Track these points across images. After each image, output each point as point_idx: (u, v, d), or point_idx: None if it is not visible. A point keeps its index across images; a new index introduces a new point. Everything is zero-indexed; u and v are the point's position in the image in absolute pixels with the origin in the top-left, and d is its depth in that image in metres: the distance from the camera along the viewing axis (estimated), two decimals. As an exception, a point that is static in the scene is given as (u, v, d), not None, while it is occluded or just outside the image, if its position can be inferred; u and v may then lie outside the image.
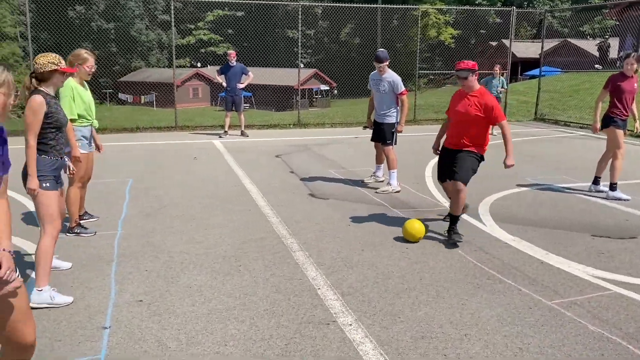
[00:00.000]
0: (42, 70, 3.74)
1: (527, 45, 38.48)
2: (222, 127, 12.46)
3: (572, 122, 14.95)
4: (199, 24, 47.19)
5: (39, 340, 3.16)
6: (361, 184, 7.47)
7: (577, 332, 3.37)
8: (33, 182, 3.65)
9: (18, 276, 2.05)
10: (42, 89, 3.76)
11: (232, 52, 11.94)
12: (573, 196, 6.89)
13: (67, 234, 5.05)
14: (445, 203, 6.36)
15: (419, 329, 3.40)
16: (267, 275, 4.23)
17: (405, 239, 5.06)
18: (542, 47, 16.38)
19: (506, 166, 5.00)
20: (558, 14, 43.28)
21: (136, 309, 3.64)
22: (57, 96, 4.01)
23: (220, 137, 11.97)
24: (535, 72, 23.65)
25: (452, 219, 5.08)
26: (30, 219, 5.52)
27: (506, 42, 17.85)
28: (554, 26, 43.15)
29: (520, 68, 37.79)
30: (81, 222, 5.32)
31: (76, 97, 4.96)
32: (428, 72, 34.21)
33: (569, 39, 36.58)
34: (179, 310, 3.62)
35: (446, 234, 5.12)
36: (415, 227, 5.01)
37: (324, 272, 4.31)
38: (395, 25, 38.82)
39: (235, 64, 11.72)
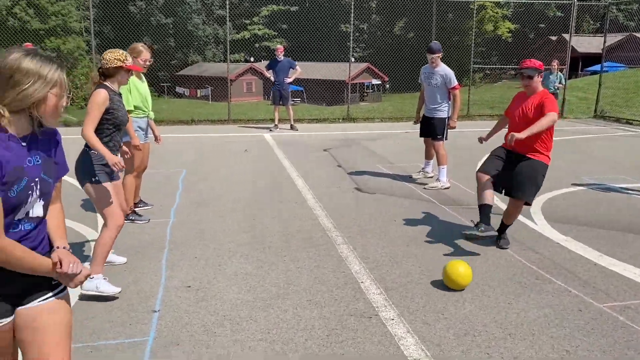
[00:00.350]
0: (107, 66, 3.79)
1: (589, 40, 36.97)
2: (273, 120, 12.62)
3: (635, 120, 14.27)
4: (253, 19, 47.85)
5: (92, 321, 3.34)
6: (409, 179, 7.41)
7: (629, 337, 3.25)
8: (112, 158, 3.66)
9: (84, 266, 1.91)
10: (107, 84, 3.81)
11: (279, 47, 12.08)
12: (632, 197, 6.60)
13: (123, 221, 5.26)
14: (498, 202, 6.23)
15: (462, 326, 3.37)
16: (311, 267, 4.28)
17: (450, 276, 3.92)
18: (605, 42, 15.68)
19: (512, 136, 4.36)
20: (624, 6, 41.30)
21: (185, 294, 3.76)
22: (121, 94, 4.01)
23: (270, 130, 12.13)
24: (597, 67, 22.69)
25: (504, 227, 4.85)
26: (89, 205, 5.78)
27: (567, 36, 17.20)
28: (619, 19, 41.22)
29: (581, 63, 36.35)
30: (136, 209, 5.54)
31: (132, 89, 5.16)
32: (483, 66, 33.41)
33: (635, 33, 34.83)
34: (225, 297, 3.72)
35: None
36: (460, 271, 3.85)
37: (367, 266, 4.32)
38: (450, 19, 38.08)
39: (282, 58, 11.85)
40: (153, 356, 2.99)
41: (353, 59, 16.94)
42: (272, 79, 12.02)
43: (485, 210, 4.58)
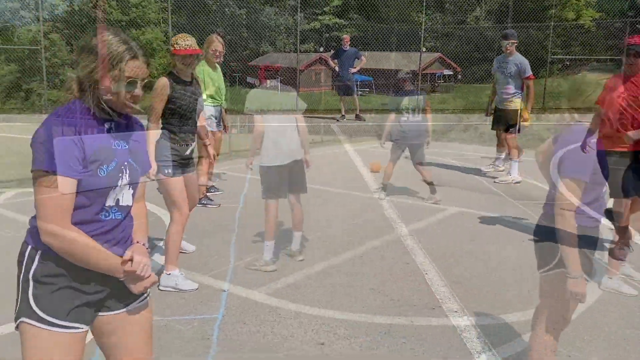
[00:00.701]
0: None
1: (683, 28, 34.39)
2: (339, 111, 12.67)
3: None
4: (325, 8, 47.94)
5: (166, 297, 3.53)
6: (479, 172, 7.25)
7: None
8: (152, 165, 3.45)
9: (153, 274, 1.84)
10: (173, 71, 3.73)
11: (346, 37, 12.07)
12: None
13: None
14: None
15: (528, 322, 3.29)
16: (376, 257, 4.31)
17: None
18: (700, 30, 14.58)
19: (628, 137, 3.87)
20: None
21: (252, 276, 3.90)
22: (190, 83, 3.78)
23: (337, 120, 12.19)
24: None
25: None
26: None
27: (656, 24, 16.14)
28: None
29: (673, 54, 33.89)
30: (208, 194, 5.76)
31: (206, 78, 5.36)
32: (563, 57, 31.85)
33: None
34: (290, 281, 3.82)
35: None
36: None
37: (432, 258, 4.29)
38: (529, 8, 36.53)
39: (348, 48, 11.82)
40: (221, 333, 3.14)
41: (424, 49, 16.67)
42: (337, 69, 12.06)
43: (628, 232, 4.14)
